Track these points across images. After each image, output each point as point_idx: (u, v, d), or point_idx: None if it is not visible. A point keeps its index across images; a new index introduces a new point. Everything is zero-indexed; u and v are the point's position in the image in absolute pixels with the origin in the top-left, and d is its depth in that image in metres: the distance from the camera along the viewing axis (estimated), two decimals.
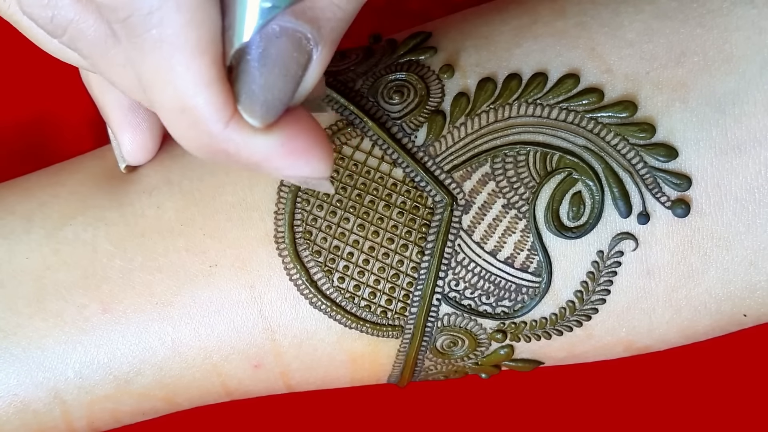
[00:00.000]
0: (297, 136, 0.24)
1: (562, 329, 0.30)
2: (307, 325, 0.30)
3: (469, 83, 0.30)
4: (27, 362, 0.31)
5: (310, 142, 0.24)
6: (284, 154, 0.24)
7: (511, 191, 0.29)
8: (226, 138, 0.23)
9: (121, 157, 0.32)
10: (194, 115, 0.23)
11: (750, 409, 0.38)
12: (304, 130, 0.24)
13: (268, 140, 0.24)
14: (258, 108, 0.23)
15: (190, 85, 0.23)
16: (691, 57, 0.29)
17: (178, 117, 0.23)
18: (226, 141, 0.23)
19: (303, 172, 0.24)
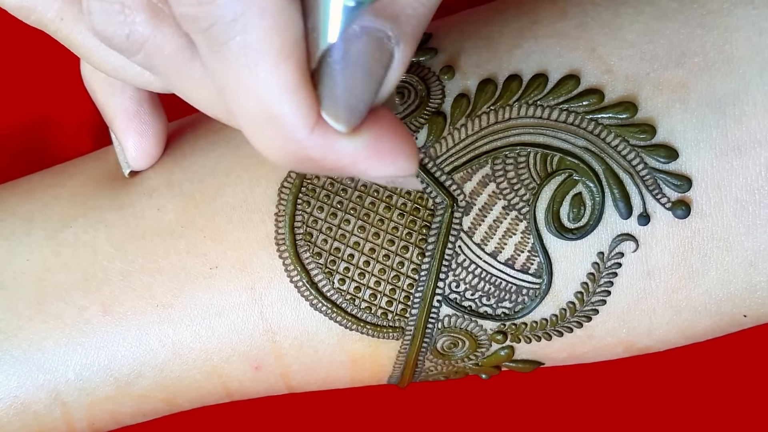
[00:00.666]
0: (382, 137, 0.24)
1: (562, 330, 0.30)
2: (307, 326, 0.30)
3: (469, 84, 0.30)
4: (27, 364, 0.31)
5: (396, 141, 0.24)
6: (370, 155, 0.24)
7: (512, 193, 0.29)
8: (312, 144, 0.23)
9: (126, 163, 0.32)
10: (280, 122, 0.22)
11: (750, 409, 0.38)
12: (388, 129, 0.24)
13: (353, 144, 0.23)
14: (342, 112, 0.23)
15: (275, 92, 0.22)
16: (691, 58, 0.29)
17: (262, 126, 0.23)
18: (312, 147, 0.23)
19: (390, 172, 0.24)
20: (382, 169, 0.24)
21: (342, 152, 0.23)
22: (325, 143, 0.23)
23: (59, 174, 0.33)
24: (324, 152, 0.23)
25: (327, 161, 0.23)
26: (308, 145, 0.23)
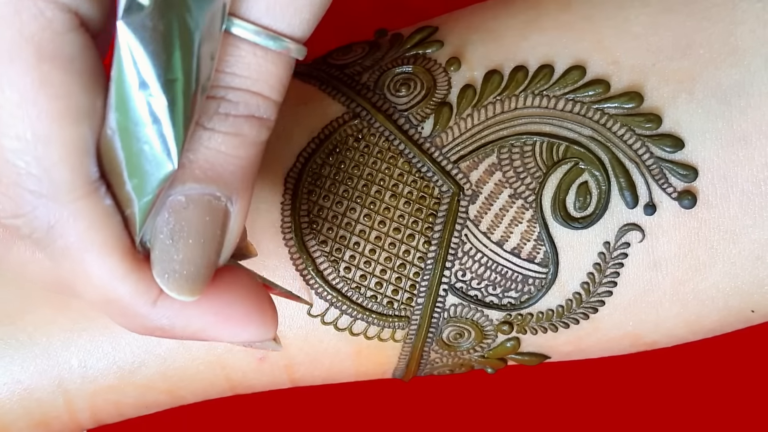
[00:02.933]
0: (232, 303, 0.24)
1: (568, 321, 0.30)
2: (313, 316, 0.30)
3: (475, 75, 0.30)
4: (33, 349, 0.30)
5: (248, 307, 0.24)
6: (221, 322, 0.24)
7: (518, 181, 0.29)
8: (158, 316, 0.23)
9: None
10: (120, 305, 0.23)
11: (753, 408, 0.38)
12: (239, 294, 0.24)
13: (198, 311, 0.24)
14: (183, 283, 0.23)
15: (107, 281, 0.23)
16: (696, 49, 0.29)
17: (106, 308, 0.24)
18: (159, 319, 0.23)
19: (243, 338, 0.24)
20: (233, 336, 0.24)
21: (189, 320, 0.24)
22: (172, 313, 0.23)
23: None
24: (172, 322, 0.24)
25: (177, 331, 0.24)
26: (153, 318, 0.23)
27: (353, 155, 0.30)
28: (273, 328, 0.25)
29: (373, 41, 0.33)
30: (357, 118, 0.30)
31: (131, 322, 0.24)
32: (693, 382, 0.38)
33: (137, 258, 0.23)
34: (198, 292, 0.23)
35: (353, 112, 0.31)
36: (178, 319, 0.24)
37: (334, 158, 0.30)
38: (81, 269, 0.23)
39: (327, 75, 0.31)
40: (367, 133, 0.30)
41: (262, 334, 0.24)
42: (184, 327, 0.24)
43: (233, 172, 0.23)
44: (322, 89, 0.31)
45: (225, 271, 0.24)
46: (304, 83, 0.32)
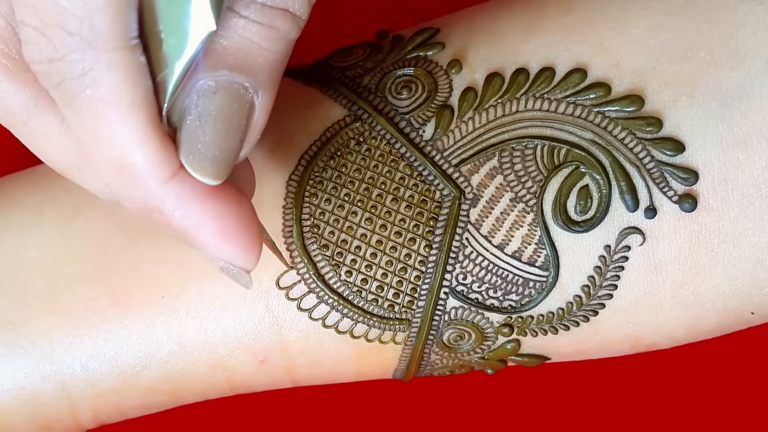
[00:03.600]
0: (231, 215, 0.24)
1: (569, 324, 0.30)
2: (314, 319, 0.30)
3: (476, 78, 0.30)
4: (35, 354, 0.31)
5: (242, 226, 0.25)
6: (215, 229, 0.24)
7: (519, 185, 0.30)
8: (164, 196, 0.24)
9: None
10: (132, 171, 0.23)
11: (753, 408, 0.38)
12: (239, 211, 0.25)
13: (202, 208, 0.24)
14: (207, 165, 0.24)
15: (127, 142, 0.23)
16: (697, 52, 0.29)
17: (117, 175, 0.24)
18: (163, 200, 0.24)
19: (228, 256, 0.25)
20: (221, 249, 0.24)
21: (191, 212, 0.24)
22: (177, 199, 0.24)
23: None
24: (174, 207, 0.24)
25: (174, 217, 0.24)
26: (159, 196, 0.24)
27: (354, 158, 0.30)
28: (254, 258, 0.25)
29: (374, 43, 0.32)
30: (358, 121, 0.31)
31: (135, 195, 0.24)
32: (692, 382, 0.38)
33: (161, 127, 0.24)
34: (220, 177, 0.24)
35: (355, 114, 0.31)
36: (180, 207, 0.24)
37: (335, 161, 0.30)
38: (104, 125, 0.23)
39: (328, 77, 0.31)
40: (368, 137, 0.30)
41: (245, 259, 0.25)
42: (182, 218, 0.24)
43: (263, 65, 0.24)
44: (323, 92, 0.31)
45: (231, 187, 0.25)
46: (305, 86, 0.32)
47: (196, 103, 0.24)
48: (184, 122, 0.24)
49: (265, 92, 0.24)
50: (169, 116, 0.24)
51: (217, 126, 0.24)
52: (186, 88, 0.24)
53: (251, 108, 0.24)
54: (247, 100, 0.24)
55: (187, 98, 0.24)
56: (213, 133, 0.24)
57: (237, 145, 0.24)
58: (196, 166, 0.24)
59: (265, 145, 0.31)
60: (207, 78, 0.24)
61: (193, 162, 0.24)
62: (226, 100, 0.24)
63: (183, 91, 0.24)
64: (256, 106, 0.24)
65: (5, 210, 0.32)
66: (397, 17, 0.39)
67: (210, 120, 0.24)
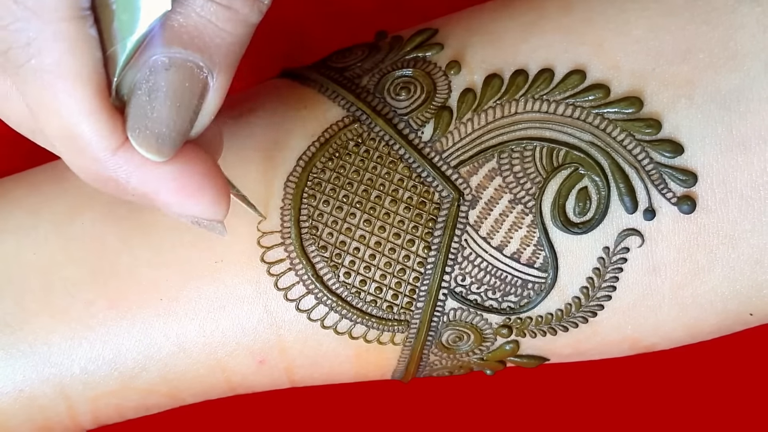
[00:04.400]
0: (190, 173, 0.24)
1: (567, 325, 0.30)
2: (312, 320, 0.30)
3: (475, 79, 0.30)
4: (33, 358, 0.30)
5: (204, 181, 0.24)
6: (175, 189, 0.24)
7: (518, 186, 0.29)
8: (115, 165, 0.23)
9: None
10: (80, 142, 0.23)
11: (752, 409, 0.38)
12: (199, 168, 0.24)
13: (158, 172, 0.24)
14: (154, 142, 0.24)
15: (74, 113, 0.23)
16: (696, 54, 0.29)
17: (66, 144, 0.23)
18: (115, 169, 0.24)
19: (194, 212, 0.25)
20: (185, 206, 0.24)
21: (146, 179, 0.24)
22: (129, 166, 0.24)
23: (64, 167, 0.33)
24: (127, 175, 0.24)
25: (129, 186, 0.24)
26: (110, 165, 0.23)
27: (353, 160, 0.30)
28: (223, 209, 0.25)
29: (372, 43, 0.32)
30: (357, 122, 0.30)
31: (87, 166, 0.24)
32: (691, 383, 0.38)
33: (108, 99, 0.23)
34: (165, 155, 0.24)
35: (353, 116, 0.31)
36: (134, 175, 0.24)
37: (334, 163, 0.30)
38: (50, 95, 0.23)
39: (327, 78, 0.31)
40: (367, 138, 0.30)
41: (212, 211, 0.25)
42: (138, 184, 0.24)
43: (219, 46, 0.24)
44: (321, 92, 0.31)
45: (189, 144, 0.24)
46: (303, 86, 0.32)
47: (147, 78, 0.23)
48: (134, 96, 0.24)
49: (220, 73, 0.24)
50: (118, 90, 0.24)
51: (166, 103, 0.24)
52: (138, 63, 0.23)
53: (204, 88, 0.24)
54: (201, 79, 0.24)
55: (138, 73, 0.23)
56: (162, 109, 0.24)
57: (186, 124, 0.24)
58: (142, 141, 0.23)
59: (263, 146, 0.31)
60: (160, 54, 0.23)
61: (139, 137, 0.23)
62: (178, 77, 0.24)
63: (135, 64, 0.23)
64: (210, 86, 0.24)
65: (2, 212, 0.32)
66: (396, 17, 0.39)
67: (160, 96, 0.23)
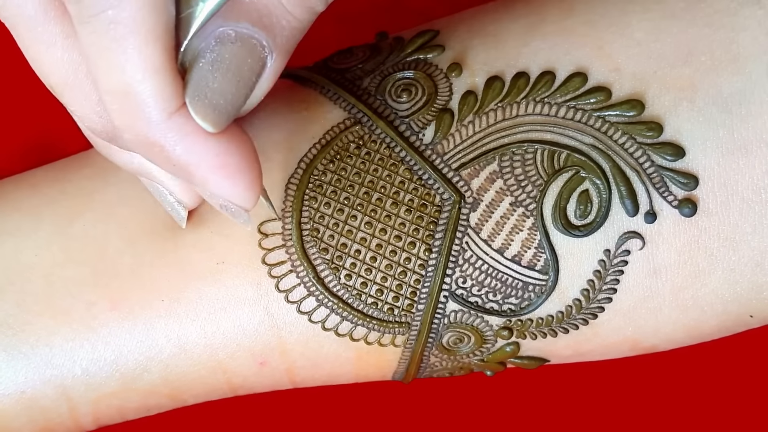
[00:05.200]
0: (234, 153, 0.24)
1: (568, 327, 0.30)
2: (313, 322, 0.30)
3: (477, 81, 0.30)
4: (35, 359, 0.31)
5: (245, 165, 0.25)
6: (216, 166, 0.24)
7: (519, 189, 0.29)
8: (166, 129, 0.24)
9: (179, 207, 0.30)
10: (138, 100, 0.23)
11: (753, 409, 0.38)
12: (243, 151, 0.25)
13: (206, 144, 0.24)
14: (210, 111, 0.24)
15: (139, 70, 0.23)
16: (698, 57, 0.29)
17: (121, 101, 0.23)
18: (165, 133, 0.24)
19: (227, 194, 0.25)
20: (221, 185, 0.25)
21: (192, 148, 0.24)
22: (179, 133, 0.24)
23: (64, 168, 0.33)
24: (175, 142, 0.24)
25: (175, 152, 0.24)
26: (161, 129, 0.24)
27: (354, 162, 0.30)
28: (255, 196, 0.25)
29: (374, 45, 0.32)
30: (358, 124, 0.30)
31: (136, 125, 0.24)
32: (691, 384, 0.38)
33: (174, 61, 0.24)
34: (219, 126, 0.24)
35: (354, 117, 0.31)
36: (182, 142, 0.24)
37: (335, 165, 0.30)
38: (119, 48, 0.23)
39: (328, 79, 0.31)
40: (368, 140, 0.30)
41: (244, 197, 0.25)
42: (183, 152, 0.24)
43: (284, 28, 0.24)
44: (322, 94, 0.31)
45: (236, 125, 0.25)
46: (304, 88, 0.32)
47: (213, 48, 0.24)
48: (197, 64, 0.24)
49: (278, 55, 0.25)
50: (182, 59, 0.24)
51: (228, 75, 0.24)
52: (205, 32, 0.24)
53: (263, 66, 0.24)
54: (262, 57, 0.24)
55: (204, 42, 0.24)
56: (223, 81, 0.24)
57: (242, 99, 0.24)
58: (200, 109, 0.24)
59: (264, 147, 0.31)
60: (228, 26, 0.24)
61: (197, 104, 0.24)
62: (242, 52, 0.24)
63: (201, 34, 0.24)
64: (267, 66, 0.25)
65: (3, 214, 0.32)
66: (397, 18, 0.39)
67: (222, 68, 0.24)
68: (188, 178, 0.25)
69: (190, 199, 0.30)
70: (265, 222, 0.30)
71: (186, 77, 0.24)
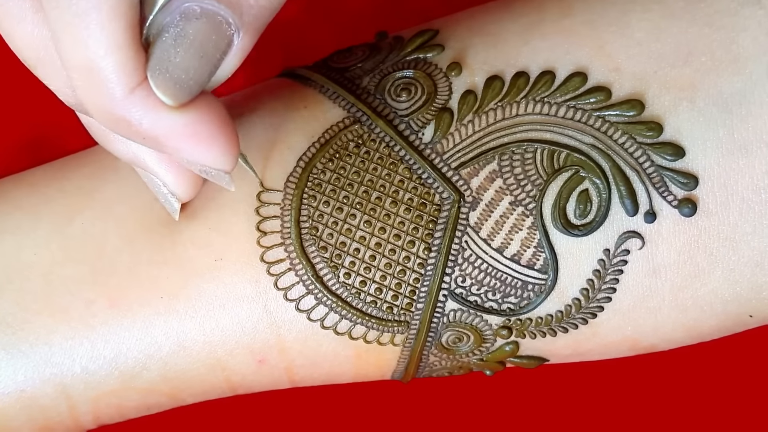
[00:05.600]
0: (203, 121, 0.25)
1: (567, 326, 0.30)
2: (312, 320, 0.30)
3: (476, 81, 0.30)
4: (34, 358, 0.31)
5: (216, 130, 0.25)
6: (186, 135, 0.24)
7: (519, 188, 0.29)
8: (130, 104, 0.24)
9: (172, 199, 0.30)
10: (100, 76, 0.23)
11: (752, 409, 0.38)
12: (212, 116, 0.25)
13: (171, 117, 0.24)
14: (171, 85, 0.24)
15: (101, 46, 0.23)
16: (698, 57, 0.29)
17: (85, 76, 0.24)
18: (129, 108, 0.24)
19: (203, 160, 0.25)
20: (195, 153, 0.25)
21: (158, 122, 0.24)
22: (143, 109, 0.24)
23: (63, 167, 0.33)
24: (140, 117, 0.24)
25: (141, 127, 0.24)
26: (125, 104, 0.24)
27: (354, 161, 0.30)
28: (232, 159, 0.25)
29: (373, 44, 0.32)
30: (357, 123, 0.30)
31: (102, 103, 0.24)
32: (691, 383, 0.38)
33: (136, 37, 0.24)
34: (179, 100, 0.24)
35: (354, 116, 0.31)
36: (147, 116, 0.24)
37: (334, 164, 0.30)
38: (81, 24, 0.23)
39: (327, 78, 0.31)
40: (367, 139, 0.30)
41: (221, 161, 0.25)
42: (150, 127, 0.24)
43: (252, 6, 0.24)
44: (322, 93, 0.31)
45: (204, 94, 0.25)
46: (304, 86, 0.32)
47: (177, 23, 0.24)
48: (160, 38, 0.24)
49: (246, 34, 0.25)
50: (147, 34, 0.24)
51: (190, 50, 0.24)
52: (170, 7, 0.24)
53: (228, 45, 0.24)
54: (227, 36, 0.24)
55: (169, 17, 0.24)
56: (185, 56, 0.24)
57: (205, 76, 0.24)
58: (160, 83, 0.24)
59: (263, 146, 0.31)
60: (194, 2, 0.24)
61: (158, 78, 0.24)
62: (206, 28, 0.24)
63: (167, 9, 0.24)
64: (234, 45, 0.25)
65: (2, 213, 0.32)
66: (397, 17, 0.39)
67: (185, 43, 0.24)
68: (162, 150, 0.25)
69: (183, 191, 0.30)
70: (264, 220, 0.30)
71: (149, 51, 0.24)
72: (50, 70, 0.26)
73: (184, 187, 0.30)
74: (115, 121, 0.24)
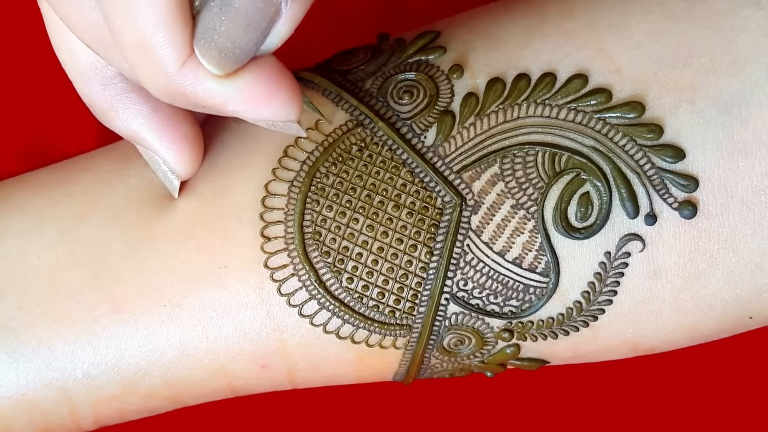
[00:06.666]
0: (257, 82, 0.24)
1: (568, 329, 0.30)
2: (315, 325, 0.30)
3: (478, 83, 0.30)
4: (36, 362, 0.30)
5: (273, 87, 0.25)
6: (244, 98, 0.24)
7: (520, 192, 0.30)
8: (182, 79, 0.24)
9: (172, 177, 0.30)
10: (152, 54, 0.23)
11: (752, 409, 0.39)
12: (267, 76, 0.25)
13: (223, 86, 0.24)
14: (216, 55, 0.24)
15: (149, 23, 0.23)
16: (698, 58, 0.29)
17: (138, 56, 0.24)
18: (182, 82, 0.24)
19: (265, 116, 0.25)
20: (256, 112, 0.25)
21: (211, 93, 0.24)
22: (194, 81, 0.24)
23: (68, 170, 0.33)
24: (193, 89, 0.24)
25: (198, 98, 0.24)
26: (178, 79, 0.24)
27: (356, 165, 0.30)
28: (296, 110, 0.25)
29: (375, 46, 0.32)
30: (360, 126, 0.30)
31: (156, 79, 0.24)
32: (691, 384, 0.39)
33: (184, 12, 0.24)
34: (226, 69, 0.24)
35: (357, 120, 0.31)
36: (201, 87, 0.24)
37: (337, 168, 0.30)
38: (128, 3, 0.23)
39: (330, 81, 0.31)
40: (370, 142, 0.30)
41: (284, 113, 0.25)
42: (206, 98, 0.24)
43: None
44: (325, 96, 0.31)
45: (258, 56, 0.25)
46: (307, 89, 0.32)
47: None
48: (206, 7, 0.24)
49: (294, 3, 0.24)
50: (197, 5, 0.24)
51: (236, 19, 0.24)
52: None
53: (276, 12, 0.24)
54: (275, 3, 0.24)
55: None
56: (231, 24, 0.24)
57: (252, 45, 0.24)
58: (206, 52, 0.24)
59: (267, 150, 0.31)
60: None
61: (203, 47, 0.24)
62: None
63: None
64: (282, 13, 0.24)
65: (6, 215, 0.32)
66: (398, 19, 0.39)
67: (231, 11, 0.24)
68: (225, 113, 0.25)
69: (183, 169, 0.30)
70: (269, 225, 0.30)
71: (196, 21, 0.24)
72: (113, 53, 0.26)
73: (183, 164, 0.30)
74: (173, 95, 0.24)
